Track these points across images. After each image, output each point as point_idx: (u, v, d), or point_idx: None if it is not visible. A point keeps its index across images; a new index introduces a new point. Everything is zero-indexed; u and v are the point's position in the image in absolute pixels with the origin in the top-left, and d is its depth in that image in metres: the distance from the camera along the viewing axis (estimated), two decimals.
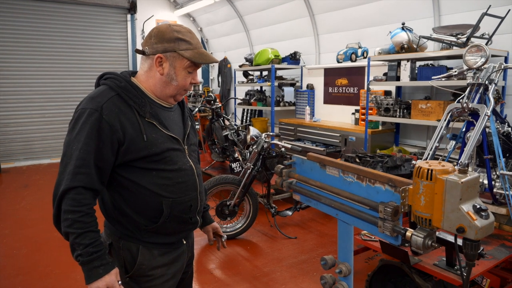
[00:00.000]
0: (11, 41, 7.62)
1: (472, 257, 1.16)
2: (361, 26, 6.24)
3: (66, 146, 1.41)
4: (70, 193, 1.35)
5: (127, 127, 1.42)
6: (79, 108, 1.44)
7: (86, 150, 1.37)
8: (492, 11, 3.96)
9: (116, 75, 1.52)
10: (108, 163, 1.42)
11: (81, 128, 1.39)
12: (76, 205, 1.35)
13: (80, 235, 1.36)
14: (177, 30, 1.50)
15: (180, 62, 1.50)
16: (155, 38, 1.49)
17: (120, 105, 1.44)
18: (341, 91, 6.66)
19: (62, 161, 1.40)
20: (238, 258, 3.69)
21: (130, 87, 1.49)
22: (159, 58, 1.48)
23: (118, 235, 1.53)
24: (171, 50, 1.48)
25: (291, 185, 1.65)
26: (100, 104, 1.40)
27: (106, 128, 1.39)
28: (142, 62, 1.55)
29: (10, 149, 7.83)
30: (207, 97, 6.05)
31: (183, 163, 1.55)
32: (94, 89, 1.57)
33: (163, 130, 1.50)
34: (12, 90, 7.75)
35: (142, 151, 1.45)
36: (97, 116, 1.39)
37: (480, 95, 2.75)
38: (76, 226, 1.36)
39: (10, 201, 5.37)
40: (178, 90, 1.55)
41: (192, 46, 1.51)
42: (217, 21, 9.73)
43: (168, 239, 1.58)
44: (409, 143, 5.68)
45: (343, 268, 1.49)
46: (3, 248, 3.87)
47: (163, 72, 1.50)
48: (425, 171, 1.13)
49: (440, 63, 5.04)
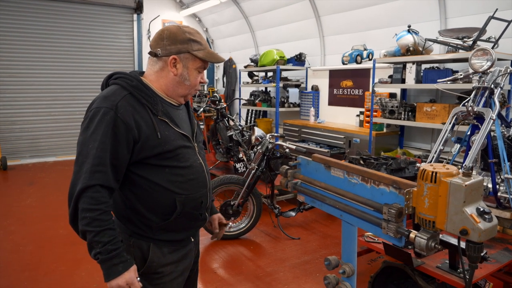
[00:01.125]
0: (19, 40, 7.69)
1: (475, 260, 1.17)
2: (367, 28, 6.24)
3: (81, 145, 1.41)
4: (88, 191, 1.36)
5: (141, 125, 1.44)
6: (93, 107, 1.44)
7: (103, 149, 1.38)
8: (499, 14, 3.96)
9: (127, 74, 1.53)
10: (124, 161, 1.44)
11: (96, 127, 1.40)
12: (94, 203, 1.36)
13: (99, 233, 1.36)
14: (188, 32, 1.54)
15: (193, 63, 1.54)
16: (167, 40, 1.51)
17: (134, 104, 1.46)
18: (346, 92, 6.66)
19: (77, 160, 1.40)
20: (241, 258, 3.71)
21: (142, 86, 1.51)
22: (173, 59, 1.52)
23: (128, 233, 1.54)
24: (185, 51, 1.52)
25: (296, 185, 1.67)
26: (115, 102, 1.42)
27: (121, 126, 1.41)
28: (152, 63, 1.57)
29: (16, 146, 7.89)
30: (212, 97, 6.08)
31: (194, 160, 1.59)
32: (101, 89, 1.58)
33: (174, 128, 1.53)
34: (19, 88, 7.82)
35: (156, 148, 1.47)
36: (112, 115, 1.40)
37: (485, 99, 2.75)
38: (94, 224, 1.36)
39: (16, 198, 5.42)
40: (190, 89, 1.59)
41: (203, 47, 1.55)
42: (223, 21, 9.76)
43: (178, 236, 1.60)
44: (413, 145, 5.67)
45: (347, 268, 1.51)
46: (9, 244, 3.91)
47: (176, 73, 1.53)
48: (430, 174, 1.14)
49: (446, 66, 5.03)
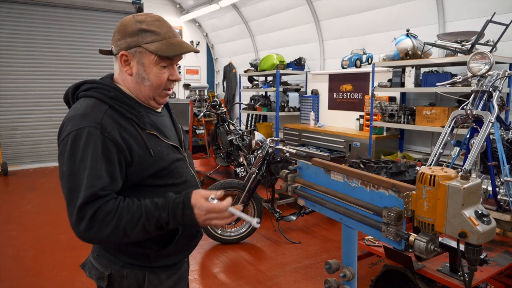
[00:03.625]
0: (20, 45, 7.73)
1: (474, 262, 1.18)
2: (366, 32, 6.27)
3: (68, 179, 1.16)
4: (86, 207, 1.15)
5: (131, 143, 1.23)
6: (71, 129, 1.19)
7: (96, 175, 1.16)
8: (497, 18, 3.98)
9: (100, 83, 1.30)
10: (118, 187, 1.23)
11: (83, 153, 1.16)
12: (101, 212, 1.16)
13: (145, 221, 1.18)
14: (140, 20, 1.27)
15: (148, 58, 1.28)
16: (118, 34, 1.28)
17: (118, 119, 1.24)
18: (346, 96, 6.69)
19: (70, 198, 1.16)
20: (242, 263, 3.71)
21: (122, 96, 1.28)
22: (124, 56, 1.28)
23: (120, 265, 1.34)
24: (135, 45, 1.26)
25: (296, 190, 1.68)
26: (98, 120, 1.19)
27: (111, 147, 1.19)
28: (114, 64, 1.34)
29: (17, 152, 7.91)
30: (212, 102, 6.10)
31: (187, 174, 1.42)
32: (67, 104, 1.35)
33: (165, 141, 1.34)
34: (20, 94, 7.85)
35: (151, 168, 1.28)
36: (98, 135, 1.18)
37: (484, 102, 2.76)
38: (125, 223, 1.17)
39: (17, 203, 5.43)
40: (154, 90, 1.33)
41: (159, 37, 1.28)
42: (223, 26, 9.81)
43: (176, 259, 1.43)
44: (413, 149, 5.68)
45: (347, 272, 1.51)
46: (10, 250, 3.91)
47: (131, 72, 1.30)
48: (428, 177, 1.15)
49: (445, 69, 5.06)
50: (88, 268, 1.44)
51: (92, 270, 1.40)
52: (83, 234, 1.15)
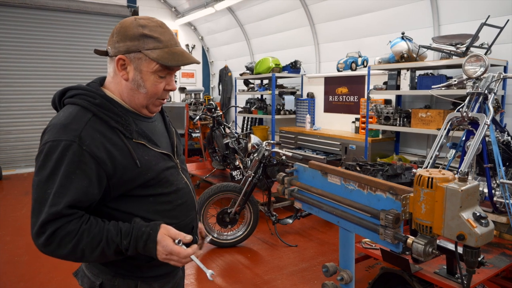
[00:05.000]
0: (14, 49, 7.69)
1: (472, 264, 1.18)
2: (361, 35, 6.30)
3: (36, 190, 1.15)
4: (47, 224, 1.11)
5: (115, 155, 1.18)
6: (48, 139, 1.14)
7: (63, 194, 1.11)
8: (491, 21, 4.01)
9: (85, 89, 1.24)
10: (92, 201, 1.18)
11: (55, 167, 1.12)
12: (62, 231, 1.12)
13: (104, 245, 1.15)
14: (143, 25, 1.22)
15: (147, 65, 1.23)
16: (117, 36, 1.23)
17: (102, 129, 1.18)
18: (342, 99, 6.70)
19: (34, 209, 1.14)
20: (238, 266, 3.69)
21: (108, 103, 1.22)
22: (121, 60, 1.23)
23: (111, 274, 1.31)
24: (135, 50, 1.21)
25: (293, 192, 1.67)
26: (77, 132, 1.13)
27: (89, 162, 1.14)
28: (108, 66, 1.29)
29: (11, 156, 7.85)
30: (208, 105, 6.10)
31: (179, 182, 1.35)
32: (54, 109, 1.30)
33: (154, 149, 1.28)
34: (14, 97, 7.80)
35: (137, 180, 1.22)
36: (75, 150, 1.12)
37: (479, 104, 2.77)
38: (84, 246, 1.14)
39: (11, 208, 5.38)
40: (148, 99, 1.28)
41: (162, 45, 1.23)
42: (218, 30, 9.81)
43: (168, 269, 1.38)
44: (409, 151, 5.70)
45: (345, 275, 1.50)
46: (5, 255, 3.87)
47: (127, 77, 1.25)
48: (426, 179, 1.15)
49: (440, 72, 5.08)
50: (80, 277, 1.42)
51: (84, 278, 1.38)
52: (41, 248, 1.14)
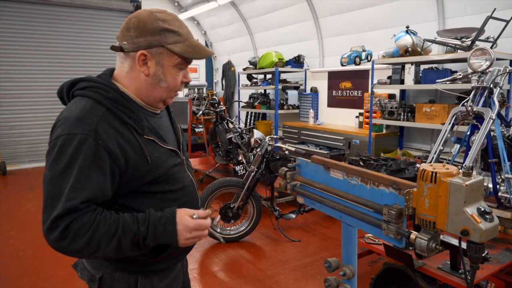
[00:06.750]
0: (18, 44, 7.69)
1: (476, 260, 1.16)
2: (365, 29, 6.25)
3: (49, 185, 1.10)
4: (62, 218, 1.08)
5: (128, 151, 1.16)
6: (61, 132, 1.11)
7: (79, 188, 1.09)
8: (497, 14, 3.96)
9: (98, 82, 1.21)
10: (105, 198, 1.17)
11: (70, 161, 1.09)
12: (77, 223, 1.09)
13: (121, 234, 1.12)
14: (162, 19, 1.21)
15: (169, 59, 1.22)
16: (135, 31, 1.20)
17: (115, 124, 1.16)
18: (345, 94, 6.67)
19: (46, 204, 1.10)
20: (241, 261, 3.69)
21: (121, 97, 1.20)
22: (142, 55, 1.20)
23: (111, 268, 1.30)
24: (157, 45, 1.20)
25: (295, 187, 1.66)
26: (93, 126, 1.11)
27: (104, 157, 1.12)
28: (121, 61, 1.26)
29: (15, 151, 7.88)
30: (211, 100, 6.08)
31: (185, 179, 1.36)
32: (61, 101, 1.29)
33: (163, 146, 1.27)
34: (18, 93, 7.82)
35: (147, 176, 1.22)
36: (91, 144, 1.10)
37: (484, 99, 2.74)
38: (101, 236, 1.10)
39: (16, 203, 5.40)
40: (168, 92, 1.28)
41: (182, 38, 1.23)
42: (221, 24, 9.78)
43: (169, 264, 1.39)
44: (413, 146, 5.67)
45: (347, 270, 1.49)
46: (9, 249, 3.89)
47: (148, 73, 1.23)
48: (430, 174, 1.13)
49: (445, 66, 5.03)
50: (80, 269, 1.41)
51: (84, 271, 1.37)
52: (54, 244, 1.11)
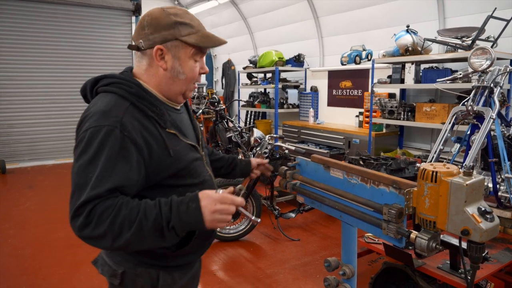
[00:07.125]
0: (17, 43, 7.67)
1: (476, 260, 1.16)
2: (366, 28, 6.24)
3: (77, 176, 1.12)
4: (86, 205, 1.09)
5: (151, 143, 1.19)
6: (89, 126, 1.15)
7: (106, 177, 1.10)
8: (498, 13, 3.95)
9: (121, 78, 1.27)
10: (132, 190, 1.18)
11: (97, 151, 1.12)
12: (99, 207, 1.10)
13: (142, 217, 1.10)
14: (173, 13, 1.26)
15: (185, 51, 1.27)
16: (149, 28, 1.25)
17: (140, 117, 1.20)
18: (345, 93, 6.66)
19: (73, 195, 1.12)
20: (241, 260, 3.69)
21: (143, 92, 1.25)
22: (159, 50, 1.25)
23: (134, 262, 1.31)
24: (172, 39, 1.24)
25: (295, 186, 1.65)
26: (119, 118, 1.15)
27: (131, 148, 1.15)
28: (139, 60, 1.31)
29: (15, 150, 7.87)
30: (211, 99, 6.07)
31: (205, 173, 1.38)
32: (84, 98, 1.33)
33: (184, 140, 1.30)
34: (17, 91, 7.80)
35: (170, 169, 1.24)
36: (117, 135, 1.13)
37: (485, 98, 2.74)
38: (123, 219, 1.09)
39: (15, 201, 5.40)
40: (187, 84, 1.32)
41: (194, 29, 1.27)
42: (221, 23, 9.76)
43: (190, 258, 1.42)
44: (413, 146, 5.66)
45: (347, 270, 1.49)
46: (8, 248, 3.89)
47: (166, 67, 1.27)
48: (430, 173, 1.13)
49: (445, 65, 5.03)
50: (100, 265, 1.40)
51: (105, 267, 1.37)
52: (78, 231, 1.10)
